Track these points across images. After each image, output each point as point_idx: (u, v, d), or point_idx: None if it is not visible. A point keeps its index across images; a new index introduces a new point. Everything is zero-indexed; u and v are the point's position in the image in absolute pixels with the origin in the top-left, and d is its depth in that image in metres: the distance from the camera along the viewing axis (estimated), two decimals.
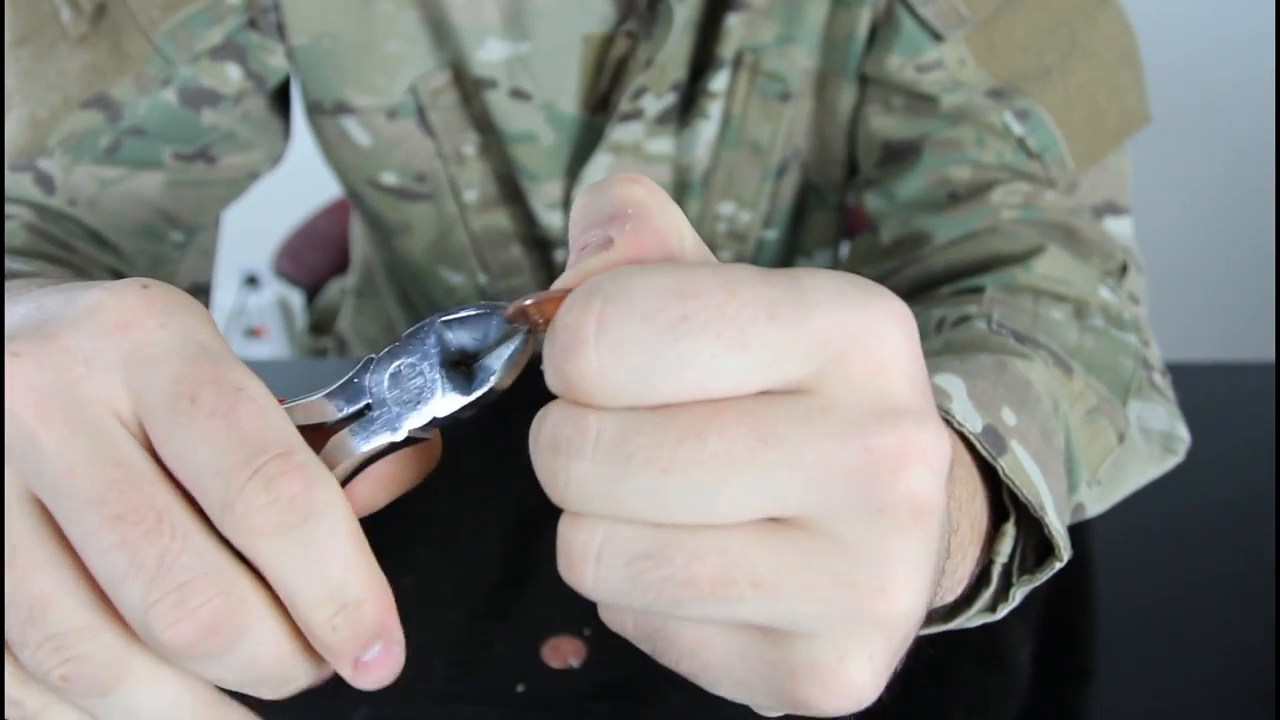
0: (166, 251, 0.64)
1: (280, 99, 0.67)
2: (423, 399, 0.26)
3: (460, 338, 0.26)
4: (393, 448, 0.27)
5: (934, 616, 0.40)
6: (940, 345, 0.49)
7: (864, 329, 0.22)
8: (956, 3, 0.56)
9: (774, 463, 0.21)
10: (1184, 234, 1.70)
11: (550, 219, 0.69)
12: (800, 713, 0.24)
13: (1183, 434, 0.54)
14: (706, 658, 0.24)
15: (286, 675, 0.26)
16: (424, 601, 0.56)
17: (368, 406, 0.27)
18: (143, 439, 0.25)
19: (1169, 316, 1.28)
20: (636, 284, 0.22)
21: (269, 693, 0.26)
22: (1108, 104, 0.59)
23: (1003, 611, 0.40)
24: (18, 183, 0.59)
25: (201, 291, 0.67)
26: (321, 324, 1.05)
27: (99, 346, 0.25)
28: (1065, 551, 0.39)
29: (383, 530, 0.66)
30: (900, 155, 0.61)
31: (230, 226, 0.76)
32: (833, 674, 0.23)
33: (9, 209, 0.58)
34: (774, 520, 0.22)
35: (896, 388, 0.22)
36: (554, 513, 0.24)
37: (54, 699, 0.26)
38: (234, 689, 0.26)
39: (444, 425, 0.26)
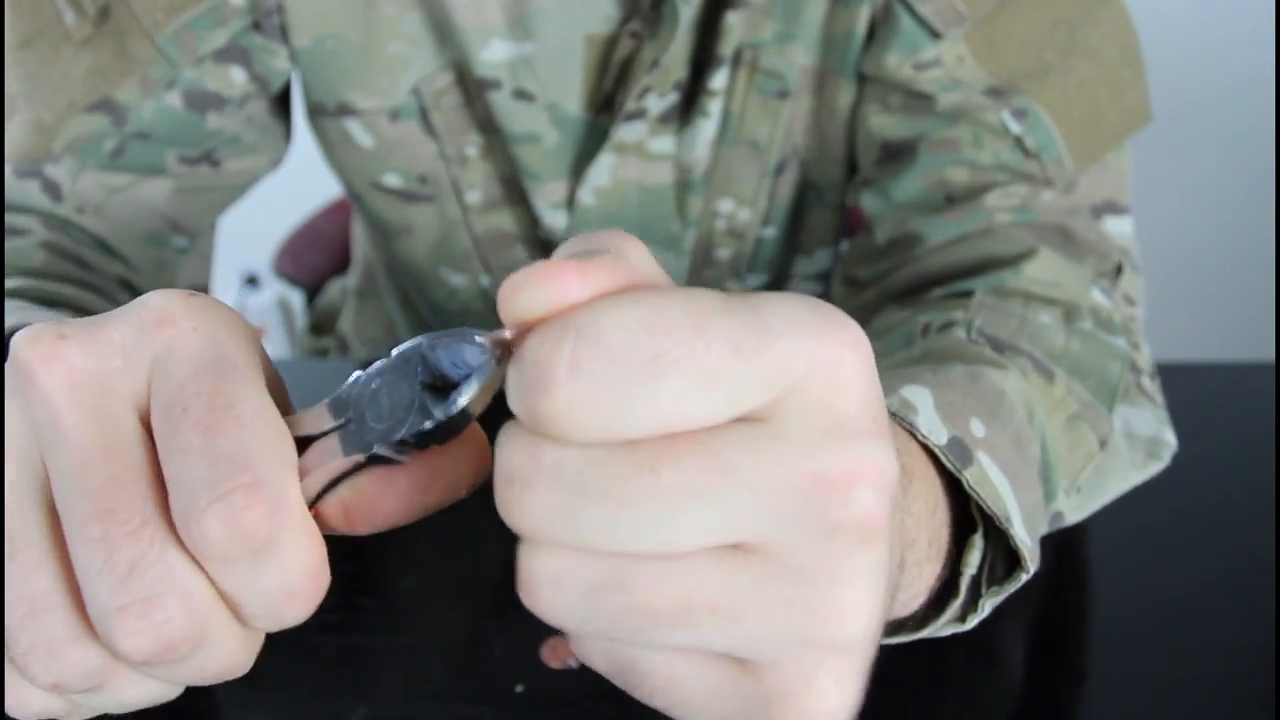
0: (169, 257, 0.64)
1: (282, 102, 0.67)
2: (395, 420, 0.26)
3: (443, 361, 0.26)
4: (363, 465, 0.27)
5: (903, 626, 0.40)
6: (919, 354, 0.49)
7: (820, 357, 0.22)
8: (955, 0, 0.56)
9: (726, 491, 0.22)
10: (1184, 234, 1.70)
11: (554, 219, 0.69)
12: None
13: (1169, 439, 0.53)
14: (680, 692, 0.24)
15: (229, 675, 0.27)
16: (424, 601, 0.56)
17: (348, 421, 0.27)
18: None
19: (1169, 316, 1.28)
20: (608, 319, 0.22)
21: (205, 684, 0.27)
22: (1108, 102, 0.58)
23: (972, 621, 0.40)
24: (25, 190, 0.59)
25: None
26: (322, 324, 1.05)
27: (136, 340, 0.26)
28: (1032, 564, 0.40)
29: (383, 530, 0.66)
30: (897, 155, 0.61)
31: (230, 226, 0.76)
32: (804, 701, 0.23)
33: (19, 220, 0.58)
34: (731, 547, 0.22)
35: (848, 413, 0.22)
36: None
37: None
38: (176, 684, 0.27)
39: (421, 445, 0.26)
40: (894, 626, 0.40)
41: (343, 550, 0.64)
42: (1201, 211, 1.71)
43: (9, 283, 0.51)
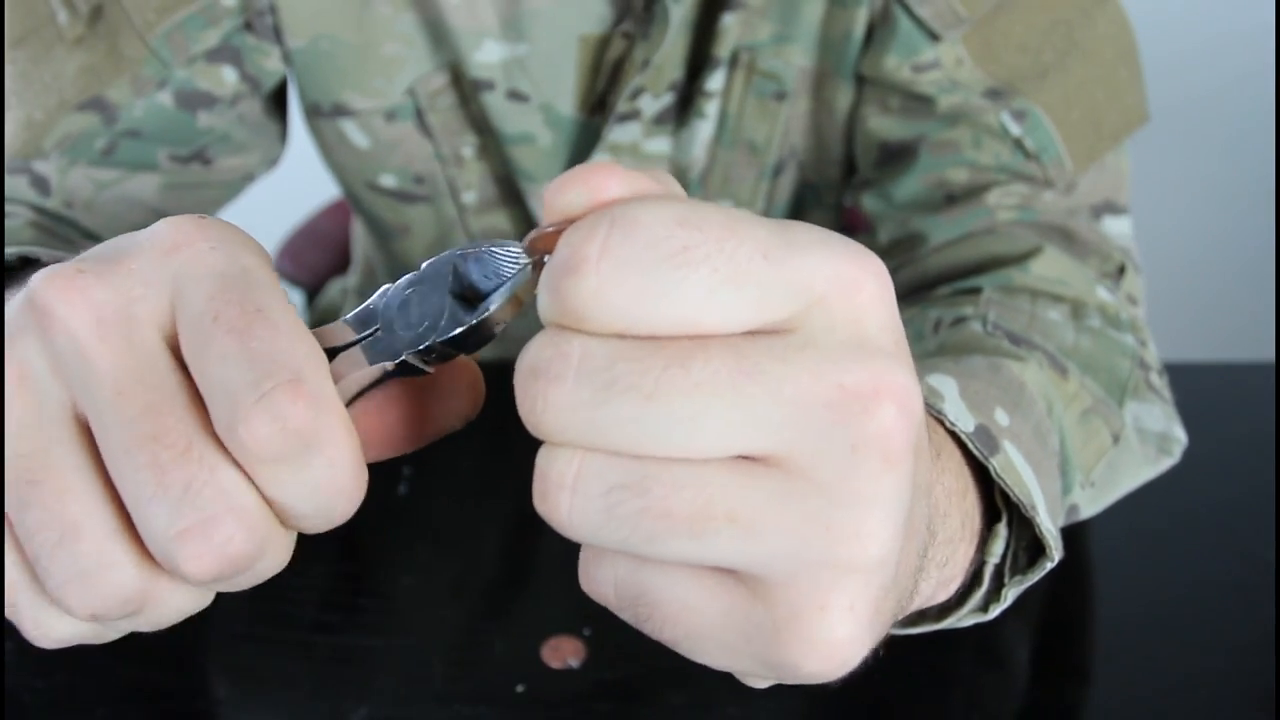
0: None
1: (277, 102, 0.67)
2: (425, 326, 0.26)
3: (474, 272, 0.26)
4: (393, 373, 0.27)
5: (927, 615, 0.40)
6: (935, 347, 0.49)
7: (845, 276, 0.23)
8: (954, 2, 0.56)
9: (754, 395, 0.22)
10: (1183, 233, 1.70)
11: None
12: (787, 678, 0.24)
13: (1179, 435, 0.53)
14: (690, 621, 0.24)
15: (279, 569, 0.27)
16: (423, 602, 0.56)
17: (376, 330, 0.27)
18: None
19: (1169, 316, 1.28)
20: (644, 212, 0.22)
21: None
22: (1106, 103, 0.59)
23: (995, 611, 0.40)
24: (14, 185, 0.59)
25: None
26: (323, 324, 1.05)
27: (154, 266, 0.26)
28: (1056, 552, 0.39)
29: (383, 530, 0.66)
30: (897, 156, 0.61)
31: None
32: (815, 626, 0.23)
33: (7, 208, 0.58)
34: (752, 460, 0.22)
35: (872, 333, 0.23)
36: None
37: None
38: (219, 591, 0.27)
39: (446, 355, 0.27)
40: (917, 616, 0.40)
41: (342, 550, 0.65)
42: (1201, 211, 1.71)
43: None
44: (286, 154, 0.70)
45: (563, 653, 0.53)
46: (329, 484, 0.25)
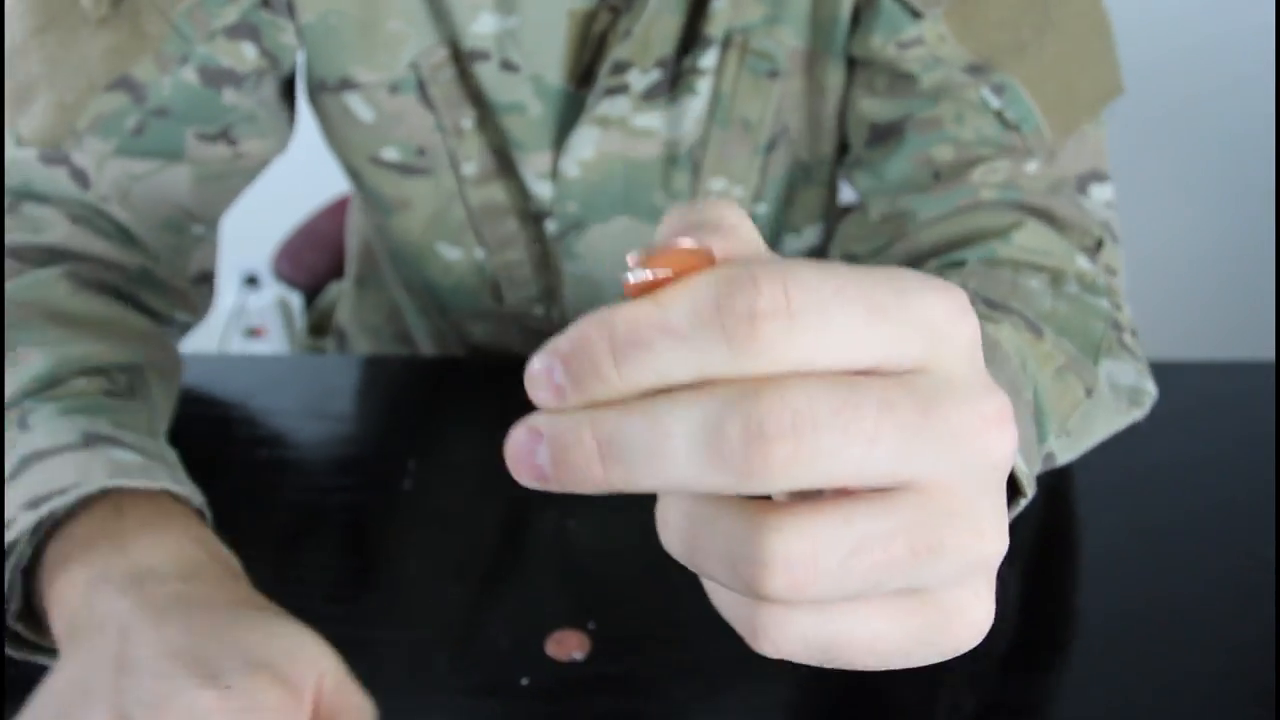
0: (187, 244, 0.67)
1: (287, 86, 0.69)
2: None
3: None
4: None
5: None
6: None
7: (956, 311, 0.24)
8: None
9: (930, 429, 0.23)
10: (1183, 233, 1.70)
11: (540, 189, 0.71)
12: (947, 656, 0.26)
13: (1150, 389, 0.56)
14: (881, 647, 0.25)
15: None
16: (427, 595, 0.57)
17: None
18: None
19: (1169, 316, 1.28)
20: (809, 265, 0.23)
21: None
22: (1080, 75, 0.62)
23: None
24: (53, 178, 0.61)
25: (207, 279, 0.70)
26: (321, 325, 1.06)
27: None
28: (1030, 488, 0.41)
29: (388, 523, 0.66)
30: (885, 136, 0.64)
31: (230, 226, 0.76)
32: (973, 612, 0.25)
33: (37, 211, 0.61)
34: (914, 490, 0.23)
35: (980, 361, 0.25)
36: (557, 504, 0.24)
37: None
38: None
39: None
40: None
41: (347, 543, 0.65)
42: (1201, 211, 1.71)
43: (36, 335, 0.54)
44: (287, 155, 0.71)
45: (567, 646, 0.53)
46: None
